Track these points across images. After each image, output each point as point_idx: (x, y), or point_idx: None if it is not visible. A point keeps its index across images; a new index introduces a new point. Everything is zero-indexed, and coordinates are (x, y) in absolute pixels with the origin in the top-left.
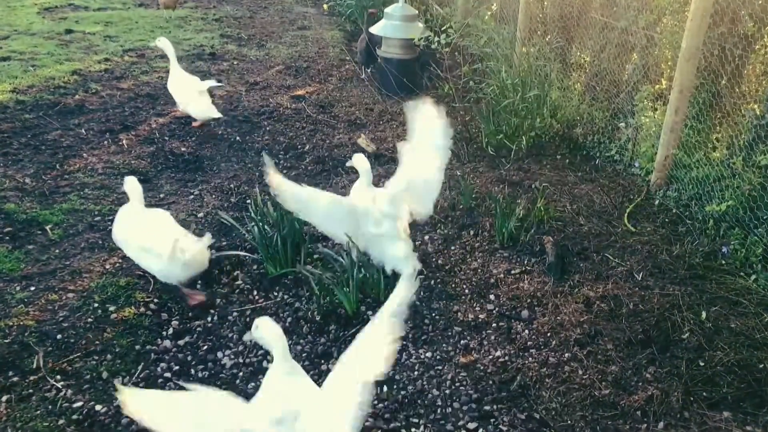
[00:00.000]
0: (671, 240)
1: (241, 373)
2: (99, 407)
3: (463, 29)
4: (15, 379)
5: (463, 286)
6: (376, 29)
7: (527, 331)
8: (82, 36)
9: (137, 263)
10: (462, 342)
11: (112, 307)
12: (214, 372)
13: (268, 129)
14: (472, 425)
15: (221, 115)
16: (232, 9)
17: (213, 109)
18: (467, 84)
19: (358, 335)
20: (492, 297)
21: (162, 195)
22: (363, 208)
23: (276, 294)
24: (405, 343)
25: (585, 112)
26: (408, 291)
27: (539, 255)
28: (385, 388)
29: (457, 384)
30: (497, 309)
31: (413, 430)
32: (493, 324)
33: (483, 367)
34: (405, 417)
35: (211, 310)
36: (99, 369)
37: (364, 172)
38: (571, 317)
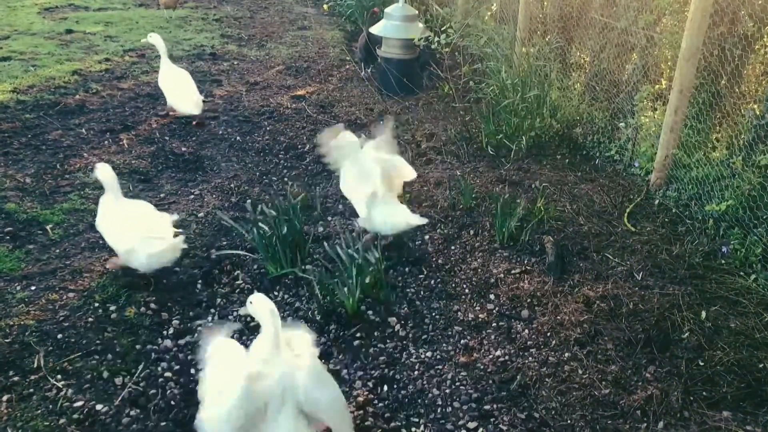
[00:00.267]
0: (671, 240)
1: None
2: (100, 406)
3: (463, 29)
4: (15, 379)
5: (463, 285)
6: (376, 29)
7: (527, 331)
8: (82, 36)
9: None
10: (462, 341)
11: (112, 307)
12: None
13: (268, 129)
14: (472, 424)
15: (198, 113)
16: (232, 9)
17: (199, 107)
18: (467, 84)
19: None
20: (492, 297)
21: (162, 195)
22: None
23: (276, 294)
24: (405, 343)
25: (585, 112)
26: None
27: (539, 255)
28: (386, 387)
29: (458, 383)
30: (497, 309)
31: (413, 429)
32: (493, 324)
33: (483, 367)
34: (405, 416)
35: None
36: (99, 368)
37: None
38: (571, 317)
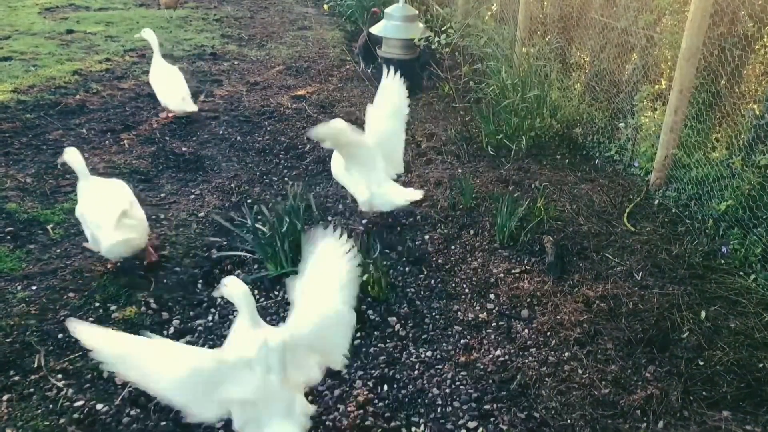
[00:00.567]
0: (671, 240)
1: None
2: (100, 406)
3: (463, 29)
4: (16, 378)
5: (463, 285)
6: (376, 29)
7: (527, 331)
8: (83, 36)
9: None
10: (462, 341)
11: (113, 307)
12: None
13: (268, 129)
14: (472, 424)
15: (197, 109)
16: (232, 9)
17: (190, 103)
18: (467, 84)
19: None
20: (492, 296)
21: (163, 194)
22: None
23: (277, 293)
24: (405, 343)
25: (585, 112)
26: None
27: (539, 254)
28: (386, 386)
29: (458, 383)
30: (497, 308)
31: (413, 429)
32: (493, 323)
33: (483, 367)
34: (405, 416)
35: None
36: (100, 368)
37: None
38: (571, 317)
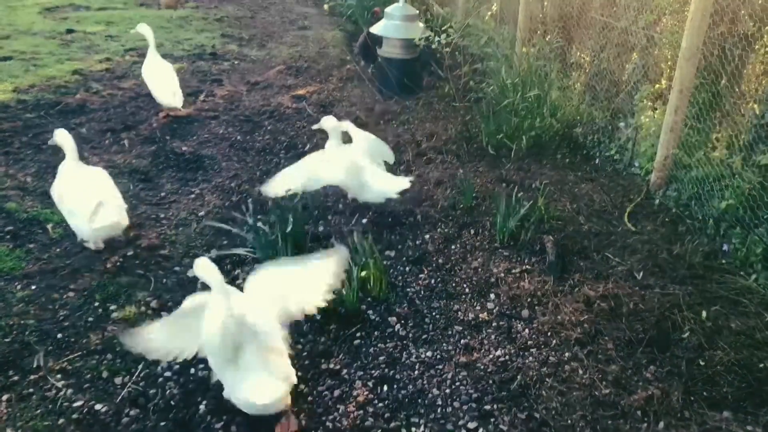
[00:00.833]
0: (671, 239)
1: None
2: (99, 406)
3: (464, 29)
4: (15, 378)
5: (464, 285)
6: (376, 29)
7: (527, 331)
8: (83, 36)
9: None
10: (462, 341)
11: (113, 306)
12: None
13: (269, 128)
14: (472, 425)
15: (179, 106)
16: (233, 9)
17: (179, 100)
18: (467, 84)
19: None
20: (492, 296)
21: (163, 194)
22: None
23: None
24: (405, 343)
25: (585, 111)
26: None
27: (539, 254)
28: (386, 387)
29: (458, 383)
30: (497, 308)
31: (413, 429)
32: (494, 323)
33: (483, 367)
34: (405, 416)
35: None
36: (99, 368)
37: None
38: (572, 316)
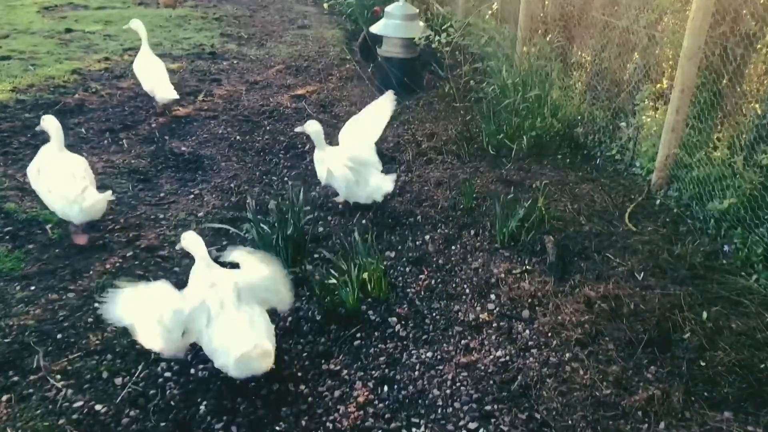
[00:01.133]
0: (672, 240)
1: None
2: (99, 407)
3: (464, 28)
4: (15, 379)
5: (464, 285)
6: (376, 28)
7: (528, 331)
8: (81, 35)
9: (42, 199)
10: (463, 342)
11: None
12: (214, 372)
13: (268, 128)
14: (472, 425)
15: (177, 96)
16: (232, 8)
17: (172, 92)
18: (468, 83)
19: None
20: (493, 297)
21: (162, 194)
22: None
23: None
24: (406, 343)
25: (586, 111)
26: None
27: (540, 255)
28: (386, 387)
29: (458, 384)
30: (498, 309)
31: (414, 429)
32: (494, 324)
33: (484, 367)
34: (406, 417)
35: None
36: (99, 369)
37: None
38: (572, 317)
